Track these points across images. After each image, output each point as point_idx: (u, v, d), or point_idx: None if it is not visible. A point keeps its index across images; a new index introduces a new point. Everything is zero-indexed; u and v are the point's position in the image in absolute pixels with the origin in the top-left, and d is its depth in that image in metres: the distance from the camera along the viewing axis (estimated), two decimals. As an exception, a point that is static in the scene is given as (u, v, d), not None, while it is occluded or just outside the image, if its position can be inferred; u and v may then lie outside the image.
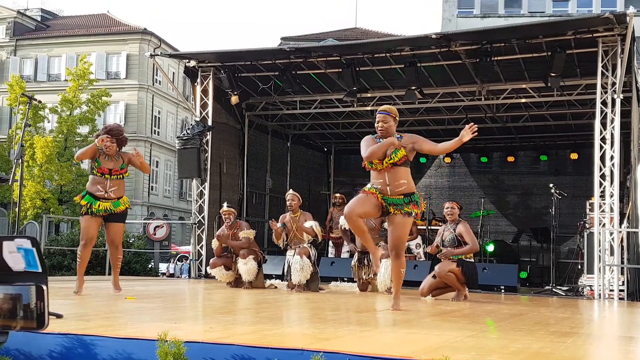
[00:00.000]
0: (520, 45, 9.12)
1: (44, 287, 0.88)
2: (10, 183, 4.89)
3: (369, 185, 5.33)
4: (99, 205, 6.14)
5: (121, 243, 6.56)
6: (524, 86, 10.42)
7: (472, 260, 7.15)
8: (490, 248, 11.96)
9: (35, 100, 5.17)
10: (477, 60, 9.24)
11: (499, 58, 9.29)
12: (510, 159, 14.01)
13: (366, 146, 5.26)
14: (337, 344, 3.43)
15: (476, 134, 5.21)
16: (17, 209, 4.84)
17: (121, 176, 6.33)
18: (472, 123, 5.26)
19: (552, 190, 10.17)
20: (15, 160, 4.74)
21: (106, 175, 6.19)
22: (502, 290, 9.21)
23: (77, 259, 6.31)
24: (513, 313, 5.83)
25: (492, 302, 7.21)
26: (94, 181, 6.21)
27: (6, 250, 0.88)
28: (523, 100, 10.83)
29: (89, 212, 6.14)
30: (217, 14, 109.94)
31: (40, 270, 0.89)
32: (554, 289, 9.49)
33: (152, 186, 33.91)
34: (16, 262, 0.88)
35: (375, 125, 5.31)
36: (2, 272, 0.87)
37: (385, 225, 8.28)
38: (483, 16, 19.87)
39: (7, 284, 0.87)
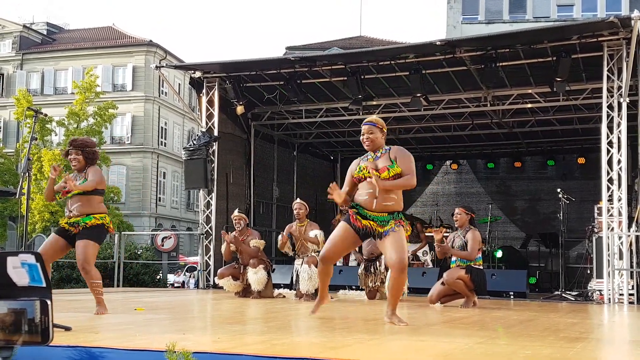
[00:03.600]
0: (525, 50, 9.12)
1: (48, 302, 0.89)
2: (18, 196, 4.88)
3: (352, 205, 4.87)
4: (66, 226, 5.36)
5: (91, 264, 5.39)
6: (529, 91, 10.41)
7: (481, 266, 7.11)
8: (499, 254, 11.91)
9: (42, 113, 5.18)
10: (482, 66, 9.24)
11: (504, 64, 9.29)
12: (517, 164, 13.97)
13: (347, 175, 4.91)
14: (346, 353, 3.42)
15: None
16: (24, 222, 4.85)
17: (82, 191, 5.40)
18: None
19: (560, 195, 10.13)
20: (22, 174, 4.75)
21: (69, 195, 5.41)
22: (511, 296, 9.17)
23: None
24: (522, 319, 5.80)
25: (501, 308, 7.18)
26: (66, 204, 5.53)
27: (10, 266, 0.89)
28: (529, 105, 10.81)
29: (57, 230, 5.49)
30: (222, 24, 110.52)
31: (44, 285, 0.90)
32: (563, 294, 9.44)
33: (159, 197, 34.00)
34: (20, 277, 0.89)
35: (361, 137, 4.88)
36: (7, 288, 0.88)
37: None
38: (488, 22, 19.88)
39: (11, 299, 0.88)
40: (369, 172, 4.71)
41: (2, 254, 0.89)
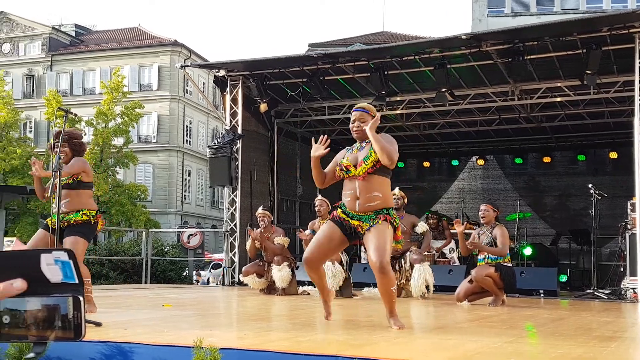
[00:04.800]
0: (554, 43, 8.93)
1: (81, 298, 0.91)
2: (49, 195, 4.90)
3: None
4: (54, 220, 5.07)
5: (80, 261, 5.02)
6: (559, 85, 10.20)
7: (510, 264, 6.98)
8: (528, 251, 11.72)
9: (72, 113, 5.20)
10: (509, 59, 9.07)
11: (532, 57, 9.11)
12: (547, 159, 13.71)
13: (332, 162, 4.55)
14: (371, 351, 3.37)
15: None
16: (57, 220, 4.89)
17: (71, 182, 5.24)
18: None
19: (592, 191, 9.91)
20: (53, 172, 4.79)
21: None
22: (542, 295, 9.00)
23: None
24: (553, 318, 5.69)
25: (531, 306, 7.05)
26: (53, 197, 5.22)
27: (44, 263, 0.90)
28: (558, 99, 10.60)
29: (45, 226, 5.28)
30: (245, 23, 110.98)
31: (77, 281, 0.91)
32: (595, 293, 9.24)
33: (185, 195, 34.32)
34: (54, 274, 0.91)
35: (351, 124, 4.48)
36: (41, 284, 0.90)
37: (417, 229, 8.22)
38: (514, 15, 19.57)
39: (45, 295, 0.90)
40: (347, 171, 4.38)
41: (36, 251, 0.91)
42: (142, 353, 3.21)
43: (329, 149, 4.41)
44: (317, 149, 4.41)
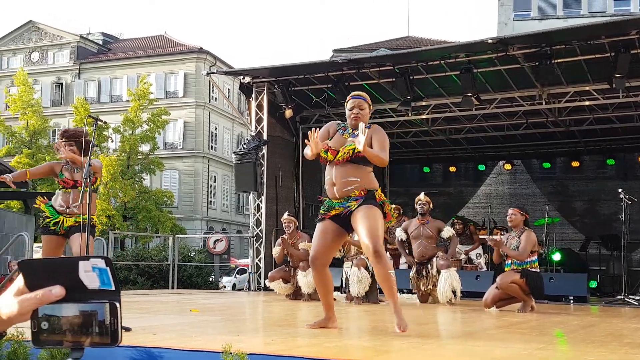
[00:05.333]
0: (582, 46, 8.82)
1: (117, 305, 0.92)
2: (80, 202, 4.98)
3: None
4: (60, 221, 5.15)
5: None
6: (587, 88, 10.07)
7: (537, 269, 6.89)
8: (557, 257, 11.56)
9: (101, 121, 5.29)
10: (537, 63, 8.99)
11: (559, 60, 9.01)
12: (575, 163, 13.51)
13: (322, 132, 4.40)
14: (399, 357, 3.36)
15: None
16: (86, 227, 4.97)
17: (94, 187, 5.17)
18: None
19: (621, 196, 9.74)
20: (83, 179, 4.87)
21: (68, 190, 5.19)
22: (571, 301, 8.87)
23: None
24: (583, 324, 5.60)
25: (561, 313, 6.95)
26: (58, 195, 5.25)
27: (82, 270, 0.92)
28: (587, 102, 10.45)
29: (48, 230, 5.20)
30: (270, 29, 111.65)
31: (113, 288, 0.93)
32: (626, 299, 9.06)
33: (210, 201, 34.55)
34: (91, 280, 0.92)
35: (349, 111, 4.37)
36: (78, 291, 0.92)
37: (443, 234, 8.16)
38: (541, 18, 19.35)
39: (82, 301, 0.92)
40: (330, 154, 4.26)
41: (74, 259, 0.93)
42: (171, 358, 3.24)
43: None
44: (313, 148, 4.28)
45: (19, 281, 0.94)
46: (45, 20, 64.34)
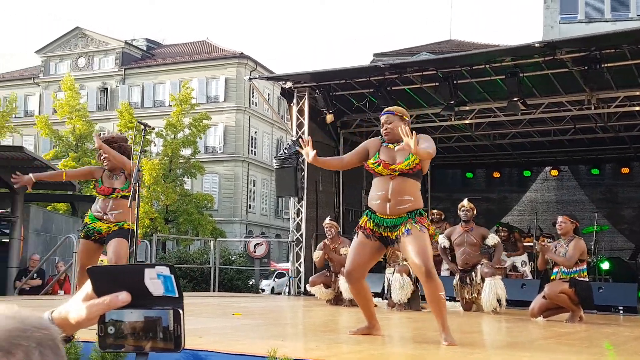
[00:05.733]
0: (633, 50, 8.57)
1: (181, 312, 0.95)
2: (129, 206, 5.07)
3: (366, 211, 4.40)
4: (97, 227, 5.25)
5: (124, 262, 5.21)
6: (637, 93, 9.78)
7: (586, 279, 6.68)
8: (605, 266, 11.24)
9: (149, 126, 5.37)
10: (586, 67, 8.76)
11: (609, 65, 8.76)
12: (625, 170, 13.13)
13: (361, 150, 4.44)
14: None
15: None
16: (135, 232, 5.05)
17: (120, 195, 5.29)
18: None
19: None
20: (133, 184, 4.94)
21: (104, 196, 5.30)
22: (621, 311, 8.59)
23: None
24: (635, 335, 5.42)
25: (610, 323, 6.74)
26: (97, 202, 5.36)
27: (147, 277, 0.95)
28: (637, 108, 10.15)
29: (85, 235, 5.32)
30: (310, 34, 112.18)
31: (177, 295, 0.95)
32: (677, 310, 8.73)
33: (250, 204, 34.80)
34: (156, 287, 0.95)
35: (381, 129, 4.46)
36: (143, 297, 0.95)
37: (487, 241, 8.00)
38: (588, 21, 18.88)
39: (147, 307, 0.95)
40: (383, 167, 4.24)
41: (140, 266, 0.96)
42: (218, 361, 3.25)
43: (315, 151, 4.34)
44: (308, 154, 4.34)
45: (87, 287, 0.98)
46: (91, 26, 65.94)
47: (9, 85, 37.78)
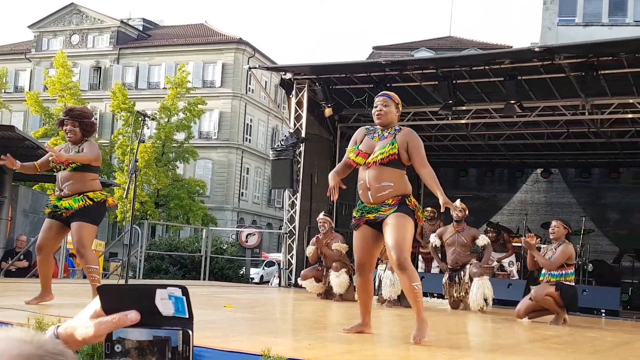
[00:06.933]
0: (629, 58, 8.68)
1: (190, 332, 0.94)
2: (125, 196, 5.10)
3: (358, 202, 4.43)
4: (56, 205, 5.03)
5: (87, 247, 5.05)
6: (631, 101, 9.91)
7: (572, 283, 6.82)
8: (589, 268, 11.42)
9: (149, 117, 5.37)
10: (582, 73, 8.87)
11: (605, 72, 8.87)
12: (614, 175, 13.34)
13: (351, 144, 4.46)
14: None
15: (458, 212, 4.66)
16: (130, 221, 5.11)
17: (73, 165, 4.99)
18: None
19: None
20: (129, 175, 4.96)
21: (61, 167, 5.00)
22: (603, 314, 8.75)
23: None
24: (618, 341, 5.54)
25: (593, 327, 6.88)
26: (56, 179, 5.09)
27: (158, 297, 0.94)
28: (630, 115, 10.29)
29: (49, 214, 5.11)
30: (309, 23, 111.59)
31: (187, 316, 0.95)
32: (658, 315, 8.92)
33: (242, 192, 34.73)
34: (166, 308, 0.94)
35: (373, 111, 4.38)
36: (153, 317, 0.94)
37: (478, 241, 8.12)
38: (585, 25, 18.99)
39: (156, 327, 0.94)
40: (361, 157, 4.27)
41: (152, 287, 0.96)
42: (210, 357, 3.24)
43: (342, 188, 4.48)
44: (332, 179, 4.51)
45: (96, 304, 0.97)
46: (87, 3, 65.26)
47: (0, 59, 37.30)
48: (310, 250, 8.32)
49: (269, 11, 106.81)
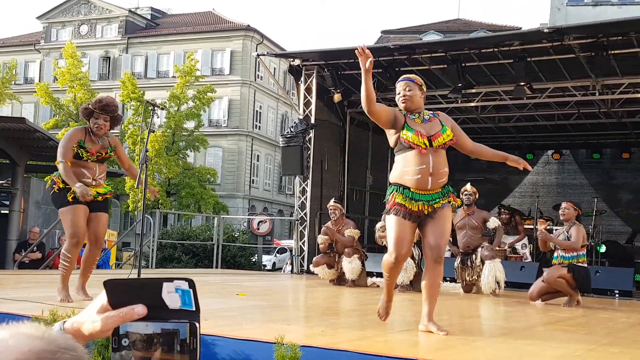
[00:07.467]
0: (639, 38, 8.57)
1: (197, 325, 0.95)
2: (136, 187, 5.14)
3: (394, 187, 4.11)
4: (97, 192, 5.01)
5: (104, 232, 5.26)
6: (642, 80, 9.80)
7: (585, 264, 6.81)
8: (602, 249, 11.38)
9: (158, 106, 5.39)
10: (592, 54, 8.78)
11: (615, 52, 8.78)
12: (625, 155, 13.23)
13: (390, 111, 4.13)
14: (452, 355, 3.39)
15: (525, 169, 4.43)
16: (142, 211, 5.13)
17: (107, 158, 5.16)
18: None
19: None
20: (140, 165, 4.98)
21: (93, 159, 5.02)
22: (616, 295, 8.74)
23: (65, 262, 4.97)
24: (632, 322, 5.54)
25: (607, 308, 6.87)
26: (78, 165, 4.96)
27: (165, 291, 0.95)
28: (641, 94, 10.18)
29: (76, 200, 4.89)
30: (318, 8, 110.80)
31: (194, 309, 0.95)
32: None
33: (253, 179, 34.77)
34: (173, 301, 0.95)
35: (397, 95, 4.18)
36: (160, 310, 0.94)
37: (488, 224, 8.10)
38: (595, 4, 18.75)
39: (163, 320, 0.94)
40: (425, 139, 4.02)
41: (159, 280, 0.95)
42: (223, 346, 3.28)
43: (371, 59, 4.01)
44: (366, 61, 3.96)
45: (102, 298, 0.97)
46: (95, -6, 65.12)
47: (9, 51, 37.36)
48: (322, 239, 8.34)
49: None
